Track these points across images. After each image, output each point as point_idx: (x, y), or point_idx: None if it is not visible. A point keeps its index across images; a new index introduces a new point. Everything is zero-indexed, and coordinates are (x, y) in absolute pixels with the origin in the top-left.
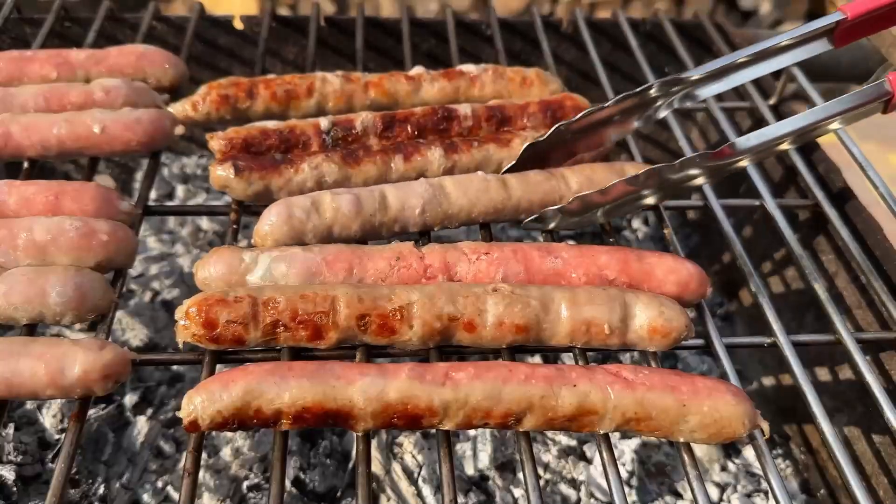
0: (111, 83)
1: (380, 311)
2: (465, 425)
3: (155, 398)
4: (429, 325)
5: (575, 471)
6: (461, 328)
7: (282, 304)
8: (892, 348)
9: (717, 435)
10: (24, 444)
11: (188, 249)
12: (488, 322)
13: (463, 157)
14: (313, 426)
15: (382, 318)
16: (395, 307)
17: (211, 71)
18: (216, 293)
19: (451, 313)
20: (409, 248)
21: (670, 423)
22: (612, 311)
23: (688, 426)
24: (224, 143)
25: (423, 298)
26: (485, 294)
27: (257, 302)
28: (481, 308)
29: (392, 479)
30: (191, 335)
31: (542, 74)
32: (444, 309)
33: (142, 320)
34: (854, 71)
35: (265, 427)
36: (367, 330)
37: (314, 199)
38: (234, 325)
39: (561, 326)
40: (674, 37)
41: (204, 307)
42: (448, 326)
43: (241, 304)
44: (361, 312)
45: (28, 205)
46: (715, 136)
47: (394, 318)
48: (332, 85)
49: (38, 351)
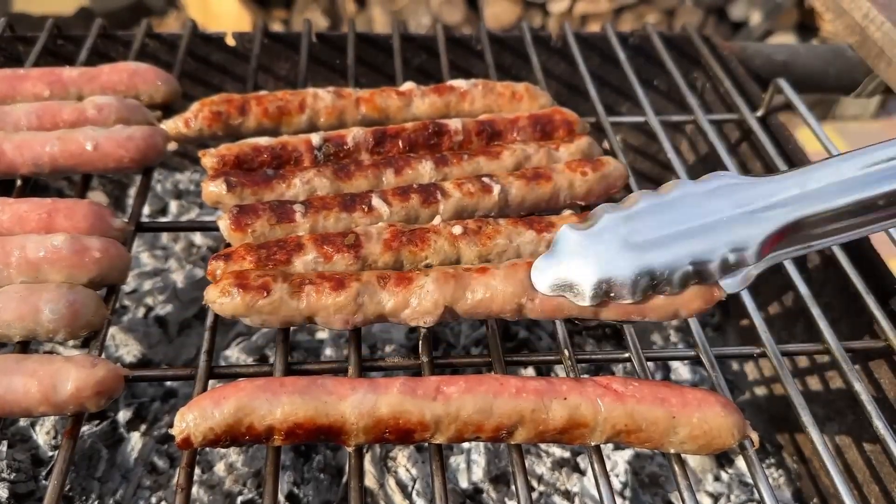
0: (103, 100)
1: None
2: (457, 439)
3: (148, 414)
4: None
5: (569, 483)
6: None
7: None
8: (881, 357)
9: (706, 446)
10: (18, 462)
11: (181, 265)
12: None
13: (454, 170)
14: (305, 441)
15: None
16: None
17: (203, 87)
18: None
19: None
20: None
21: (660, 435)
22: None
23: (678, 437)
24: (216, 159)
25: (437, 255)
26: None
27: (287, 272)
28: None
29: (386, 493)
30: (220, 287)
31: (531, 89)
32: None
33: (135, 336)
34: (841, 82)
35: (257, 443)
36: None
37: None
38: (264, 278)
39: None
40: (662, 50)
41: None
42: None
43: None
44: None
45: (21, 222)
46: (704, 147)
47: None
48: (323, 101)
49: (30, 368)
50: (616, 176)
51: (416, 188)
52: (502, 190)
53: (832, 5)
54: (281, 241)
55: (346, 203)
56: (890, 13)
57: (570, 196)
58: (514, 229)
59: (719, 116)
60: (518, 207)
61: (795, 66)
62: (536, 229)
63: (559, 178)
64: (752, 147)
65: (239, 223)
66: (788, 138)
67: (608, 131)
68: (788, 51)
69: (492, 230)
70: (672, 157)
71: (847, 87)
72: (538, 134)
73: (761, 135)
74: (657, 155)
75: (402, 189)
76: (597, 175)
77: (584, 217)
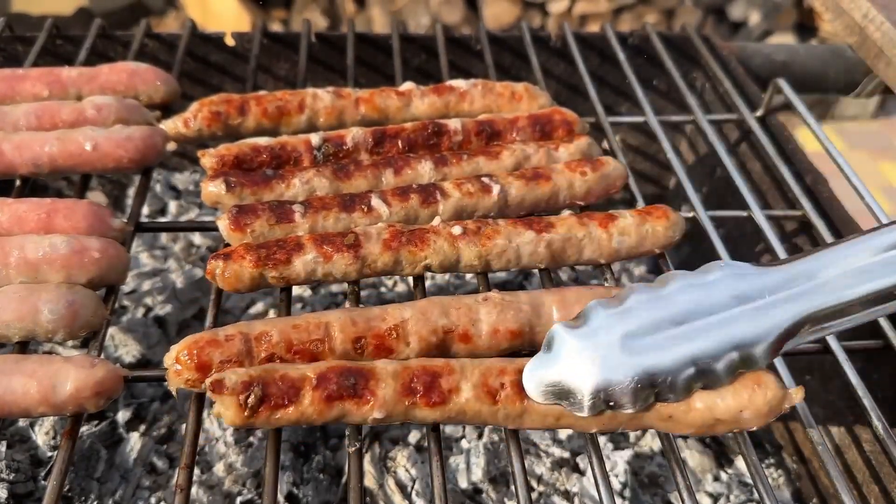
0: (103, 101)
1: (375, 331)
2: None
3: (148, 414)
4: (425, 339)
5: (568, 483)
6: (457, 340)
7: (275, 336)
8: (880, 357)
9: None
10: (17, 462)
11: (180, 265)
12: (483, 331)
13: (453, 171)
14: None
15: (378, 339)
16: (389, 326)
17: (202, 87)
18: (205, 334)
19: (446, 326)
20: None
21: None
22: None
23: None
24: (215, 159)
25: (417, 314)
26: (476, 304)
27: (249, 337)
28: (474, 318)
29: (385, 494)
30: (184, 381)
31: (530, 89)
32: (439, 322)
33: (134, 336)
34: (840, 82)
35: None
36: (364, 352)
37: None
38: (229, 365)
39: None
40: (661, 50)
41: (195, 349)
42: (444, 339)
43: (233, 343)
44: (357, 335)
45: (20, 223)
46: (703, 147)
47: (389, 338)
48: (322, 101)
49: (29, 368)
50: (615, 176)
51: (416, 188)
52: (502, 190)
53: (831, 5)
54: (280, 241)
55: (345, 203)
56: (889, 13)
57: (570, 196)
58: (514, 229)
59: (719, 116)
60: (517, 207)
61: (795, 66)
62: (536, 229)
63: (559, 179)
64: (751, 147)
65: (238, 223)
66: (788, 138)
67: (607, 131)
68: (788, 51)
69: (491, 230)
70: (671, 158)
71: (846, 88)
72: (537, 134)
73: (761, 135)
74: (657, 155)
75: (402, 189)
76: (596, 175)
77: (575, 316)
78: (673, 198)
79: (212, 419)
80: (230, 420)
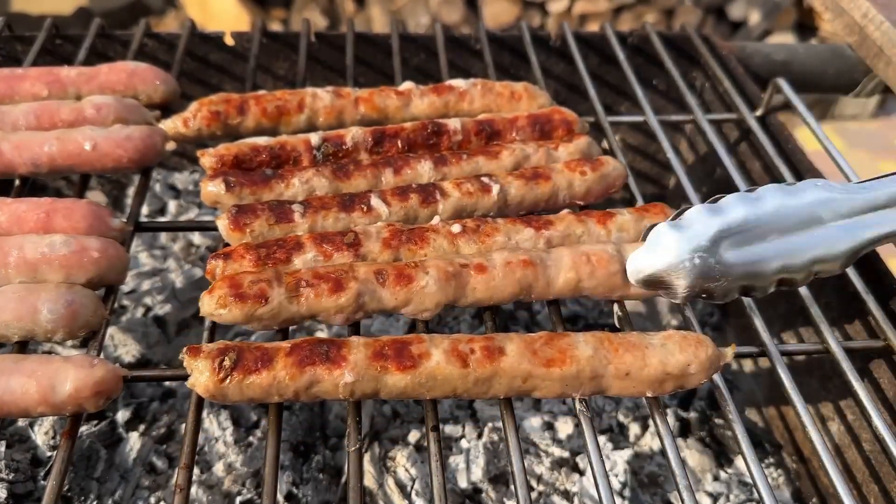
0: (102, 100)
1: (397, 266)
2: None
3: (147, 414)
4: (443, 270)
5: (568, 482)
6: (473, 270)
7: (303, 271)
8: (880, 357)
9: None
10: (16, 462)
11: (180, 265)
12: (497, 263)
13: (453, 170)
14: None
15: (399, 269)
16: (410, 261)
17: (202, 87)
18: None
19: (462, 261)
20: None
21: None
22: (606, 244)
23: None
24: (215, 159)
25: (436, 252)
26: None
27: (280, 271)
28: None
29: (385, 493)
30: (216, 299)
31: (530, 88)
32: (455, 259)
33: (134, 336)
34: (839, 82)
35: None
36: (386, 282)
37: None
38: (259, 284)
39: (564, 262)
40: (661, 49)
41: (229, 279)
42: (460, 272)
43: (266, 272)
44: (379, 269)
45: (19, 222)
46: (703, 147)
47: (410, 267)
48: (322, 101)
49: (29, 368)
50: (615, 175)
51: (415, 188)
52: (501, 190)
53: (831, 5)
54: (280, 241)
55: (344, 203)
56: (889, 13)
57: (570, 196)
58: (513, 227)
59: (718, 116)
60: (517, 207)
61: (794, 65)
62: (535, 227)
63: (558, 178)
64: (751, 146)
65: (238, 223)
66: (787, 138)
67: (607, 131)
68: (787, 50)
69: (490, 228)
70: (671, 157)
71: (846, 87)
72: (537, 134)
73: (760, 134)
74: (656, 154)
75: (401, 189)
76: (596, 175)
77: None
78: (673, 197)
79: (211, 419)
80: (203, 387)
